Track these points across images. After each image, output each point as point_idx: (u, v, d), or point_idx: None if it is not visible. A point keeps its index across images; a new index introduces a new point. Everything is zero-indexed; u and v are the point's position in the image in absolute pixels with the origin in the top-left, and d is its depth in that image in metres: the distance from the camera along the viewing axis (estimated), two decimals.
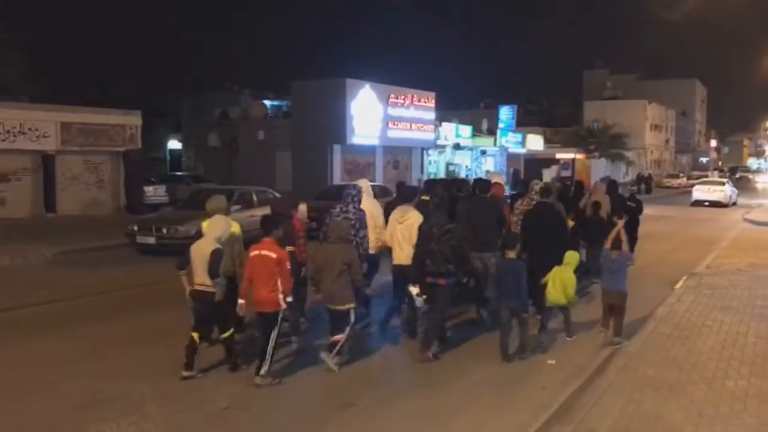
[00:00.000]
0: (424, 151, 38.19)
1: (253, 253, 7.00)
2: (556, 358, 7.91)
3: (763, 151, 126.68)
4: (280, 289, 6.87)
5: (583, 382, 6.95)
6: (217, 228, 7.34)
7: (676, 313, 9.75)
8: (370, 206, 9.01)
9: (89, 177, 25.23)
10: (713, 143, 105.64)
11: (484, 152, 45.65)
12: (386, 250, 8.97)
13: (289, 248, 7.73)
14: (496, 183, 10.85)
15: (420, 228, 7.92)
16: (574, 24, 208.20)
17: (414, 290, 7.82)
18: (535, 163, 47.04)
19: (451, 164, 41.68)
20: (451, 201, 9.47)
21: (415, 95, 35.49)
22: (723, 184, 36.24)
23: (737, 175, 72.96)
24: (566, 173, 43.42)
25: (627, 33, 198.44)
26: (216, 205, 8.12)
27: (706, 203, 33.89)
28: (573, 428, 5.66)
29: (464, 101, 68.56)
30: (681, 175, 63.71)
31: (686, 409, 6.01)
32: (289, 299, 7.01)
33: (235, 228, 8.07)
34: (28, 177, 23.36)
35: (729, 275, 12.99)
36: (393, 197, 10.02)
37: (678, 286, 11.97)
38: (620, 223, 8.71)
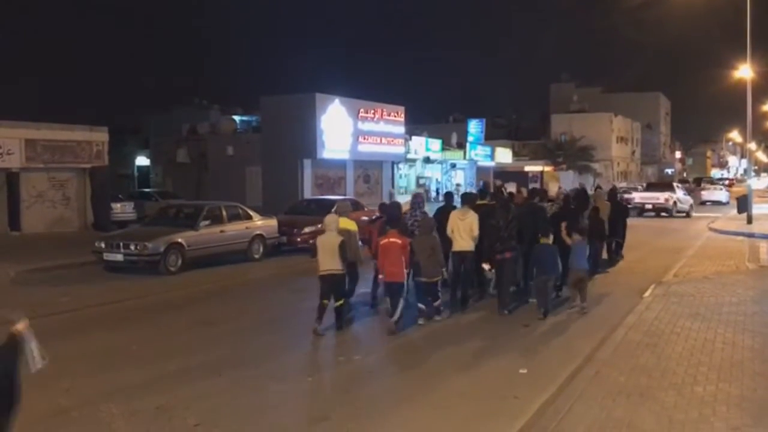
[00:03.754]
0: (395, 165, 38.32)
1: (384, 241, 9.73)
2: (528, 368, 7.94)
3: (726, 163, 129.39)
4: (404, 264, 9.59)
5: (555, 391, 6.98)
6: (335, 225, 9.78)
7: (646, 320, 9.86)
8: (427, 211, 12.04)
9: (55, 194, 24.81)
10: (678, 155, 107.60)
11: (453, 165, 45.96)
12: None
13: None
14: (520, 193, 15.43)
15: (489, 222, 10.76)
16: (540, 39, 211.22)
17: (486, 266, 10.97)
18: (504, 176, 47.42)
19: (422, 177, 41.89)
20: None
21: (384, 109, 35.63)
22: (722, 189, 49.46)
23: (702, 186, 74.48)
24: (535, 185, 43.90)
25: (592, 48, 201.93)
26: (343, 209, 11.27)
27: (708, 203, 44.02)
28: None
29: (433, 115, 69.04)
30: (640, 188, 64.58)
31: (657, 415, 6.06)
32: (406, 271, 9.86)
33: (353, 226, 10.72)
34: None
35: (696, 283, 13.19)
36: (443, 204, 13.09)
37: (647, 294, 12.12)
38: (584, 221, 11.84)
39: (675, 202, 32.28)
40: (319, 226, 18.82)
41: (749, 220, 26.36)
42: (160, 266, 15.03)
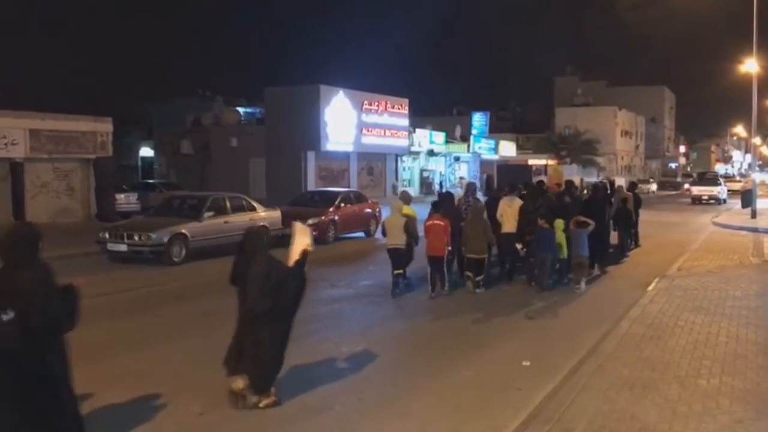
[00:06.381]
0: (398, 158, 38.28)
1: (428, 222, 11.58)
2: (531, 360, 7.94)
3: (730, 157, 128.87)
4: (446, 242, 11.32)
5: (558, 383, 6.99)
6: (400, 209, 11.92)
7: (649, 314, 9.85)
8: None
9: (59, 184, 24.85)
10: (682, 149, 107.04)
11: (457, 158, 45.89)
12: None
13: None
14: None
15: (522, 209, 12.56)
16: (544, 32, 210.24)
17: (519, 246, 12.57)
18: (508, 169, 47.34)
19: (425, 170, 41.83)
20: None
21: (388, 102, 35.59)
22: (740, 181, 56.21)
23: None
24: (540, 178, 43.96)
25: (597, 41, 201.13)
26: (405, 195, 13.60)
27: (729, 191, 47.01)
28: (549, 428, 5.67)
29: (437, 108, 68.92)
30: (651, 180, 64.42)
31: (660, 407, 6.06)
32: (449, 248, 11.56)
33: (413, 212, 12.43)
34: None
35: (700, 277, 13.18)
36: (492, 192, 15.72)
37: (650, 287, 12.11)
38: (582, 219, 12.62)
39: (721, 193, 41.40)
40: (323, 218, 19.13)
41: (753, 215, 26.30)
42: (164, 257, 15.04)
